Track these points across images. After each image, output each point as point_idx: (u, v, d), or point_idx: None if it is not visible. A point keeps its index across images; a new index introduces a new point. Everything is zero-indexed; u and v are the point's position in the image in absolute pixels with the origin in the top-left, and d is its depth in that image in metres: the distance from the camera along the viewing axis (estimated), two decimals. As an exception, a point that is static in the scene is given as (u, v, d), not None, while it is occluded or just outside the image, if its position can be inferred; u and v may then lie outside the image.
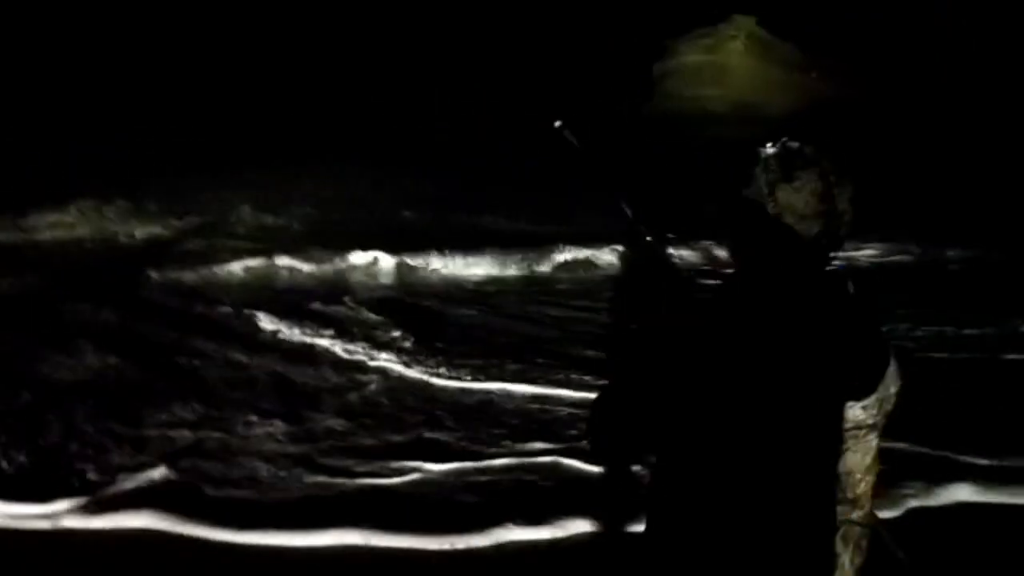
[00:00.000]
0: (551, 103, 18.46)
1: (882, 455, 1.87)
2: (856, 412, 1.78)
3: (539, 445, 4.52)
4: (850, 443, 1.81)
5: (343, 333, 6.23)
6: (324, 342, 6.05)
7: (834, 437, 1.78)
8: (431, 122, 16.57)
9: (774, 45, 19.72)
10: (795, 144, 1.76)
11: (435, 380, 5.42)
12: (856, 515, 1.86)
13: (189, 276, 7.59)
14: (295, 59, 19.10)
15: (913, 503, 3.94)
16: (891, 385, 1.79)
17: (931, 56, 17.87)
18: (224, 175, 11.46)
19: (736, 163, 1.84)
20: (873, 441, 1.83)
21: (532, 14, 21.22)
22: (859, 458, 1.84)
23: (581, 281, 8.13)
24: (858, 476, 1.85)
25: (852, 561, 1.86)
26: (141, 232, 9.11)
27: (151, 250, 8.46)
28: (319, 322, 6.42)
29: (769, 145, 1.77)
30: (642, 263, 2.04)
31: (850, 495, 1.85)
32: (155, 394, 4.98)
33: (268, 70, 18.62)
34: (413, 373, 5.53)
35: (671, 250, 2.09)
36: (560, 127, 2.32)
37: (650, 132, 16.97)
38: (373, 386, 5.34)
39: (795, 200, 1.71)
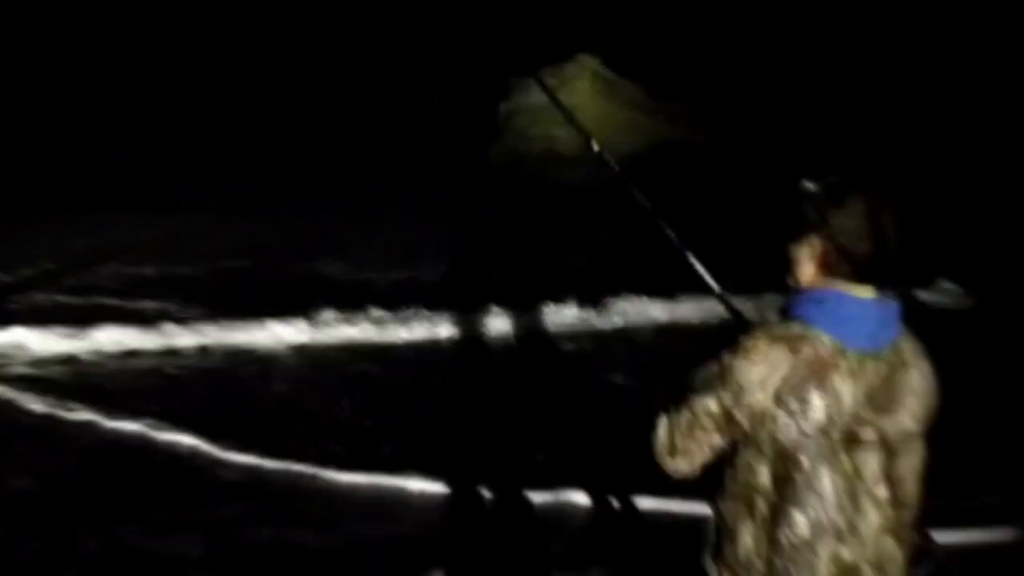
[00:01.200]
0: (398, 140, 17.88)
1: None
2: (906, 422, 2.00)
3: None
4: (901, 450, 2.01)
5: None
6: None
7: None
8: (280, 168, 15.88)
9: (620, 86, 19.75)
10: (835, 178, 1.95)
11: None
12: (908, 516, 2.04)
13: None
14: (144, 100, 18.06)
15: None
16: (934, 399, 2.05)
17: (770, 103, 18.39)
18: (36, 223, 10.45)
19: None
20: (921, 448, 2.06)
21: (379, 45, 20.71)
22: (910, 463, 2.03)
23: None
24: (910, 481, 2.04)
25: (905, 557, 2.05)
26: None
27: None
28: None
29: (807, 182, 1.96)
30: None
31: (905, 499, 2.03)
32: None
33: (114, 112, 17.55)
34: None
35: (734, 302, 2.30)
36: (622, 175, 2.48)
37: (500, 173, 16.62)
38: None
39: (847, 222, 1.90)
